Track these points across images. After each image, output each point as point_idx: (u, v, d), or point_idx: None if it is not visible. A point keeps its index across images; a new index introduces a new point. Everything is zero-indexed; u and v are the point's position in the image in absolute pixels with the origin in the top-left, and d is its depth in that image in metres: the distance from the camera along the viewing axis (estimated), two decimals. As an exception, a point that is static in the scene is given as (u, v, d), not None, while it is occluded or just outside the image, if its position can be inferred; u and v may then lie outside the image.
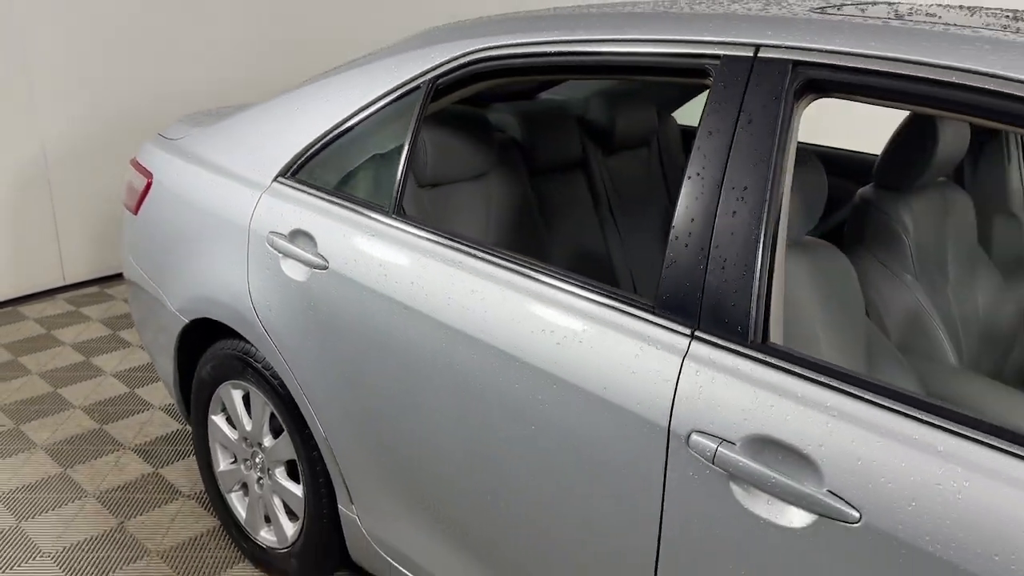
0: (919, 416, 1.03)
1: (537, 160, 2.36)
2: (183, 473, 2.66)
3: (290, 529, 2.10)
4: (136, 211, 2.37)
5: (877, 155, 2.05)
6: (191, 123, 2.41)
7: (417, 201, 1.95)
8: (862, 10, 1.39)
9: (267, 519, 2.18)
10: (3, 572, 2.21)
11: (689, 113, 2.91)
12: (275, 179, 1.94)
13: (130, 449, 2.80)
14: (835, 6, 1.45)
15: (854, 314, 1.70)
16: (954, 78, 1.10)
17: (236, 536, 2.29)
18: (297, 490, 2.02)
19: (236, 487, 2.26)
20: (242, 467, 2.20)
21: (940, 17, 1.33)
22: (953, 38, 1.15)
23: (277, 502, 2.12)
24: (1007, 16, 1.39)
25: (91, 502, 2.51)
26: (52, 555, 2.28)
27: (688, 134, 2.87)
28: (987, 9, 1.52)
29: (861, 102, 1.22)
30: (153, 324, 2.34)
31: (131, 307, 2.52)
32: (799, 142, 1.71)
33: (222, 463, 2.26)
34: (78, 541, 2.34)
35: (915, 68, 1.13)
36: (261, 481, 2.14)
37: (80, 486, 2.58)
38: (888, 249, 1.92)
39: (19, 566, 2.23)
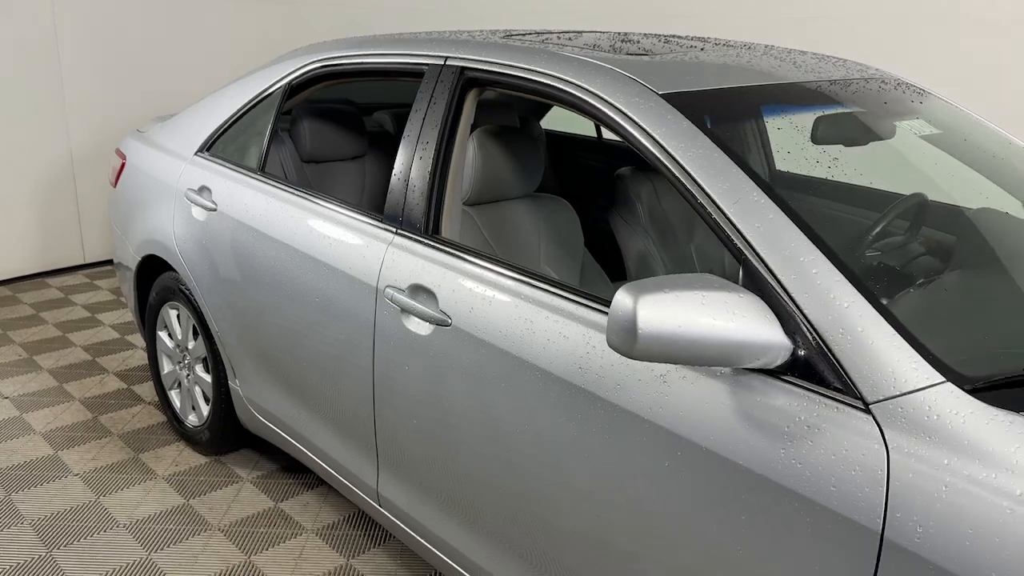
0: (495, 269, 1.77)
1: None
2: (150, 388, 3.47)
3: (204, 411, 2.89)
4: (115, 184, 3.21)
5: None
6: (159, 121, 3.25)
7: (283, 165, 2.75)
8: (521, 37, 2.15)
9: (193, 408, 2.97)
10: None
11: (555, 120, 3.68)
12: (195, 153, 2.76)
13: (113, 373, 3.62)
14: (509, 35, 2.21)
15: (573, 248, 2.44)
16: (537, 77, 1.84)
17: (175, 424, 3.08)
18: (207, 377, 2.81)
19: (174, 385, 3.06)
20: (177, 368, 3.00)
21: (559, 40, 2.08)
22: (544, 52, 1.90)
23: (197, 390, 2.91)
24: (613, 37, 2.14)
25: (76, 405, 3.33)
26: (48, 439, 3.10)
27: (550, 136, 3.62)
28: (593, 32, 2.26)
29: (501, 90, 1.97)
30: (122, 265, 3.17)
31: (113, 256, 3.36)
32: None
33: (165, 367, 3.06)
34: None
35: (516, 69, 1.89)
36: (188, 376, 2.94)
37: (69, 393, 3.41)
38: (628, 210, 2.64)
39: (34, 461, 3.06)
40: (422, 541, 2.04)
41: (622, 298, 1.27)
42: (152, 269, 3.02)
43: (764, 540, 1.31)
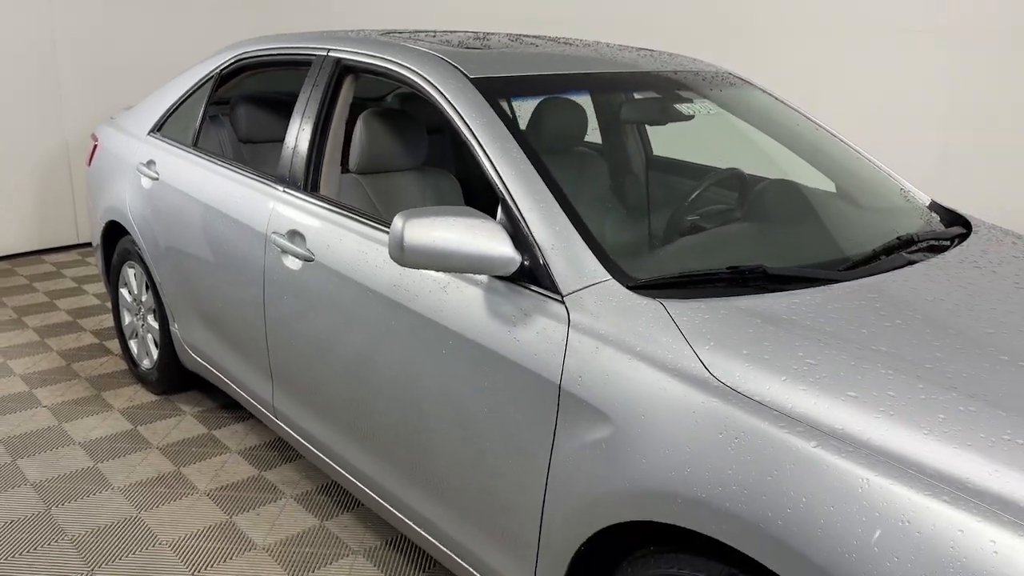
0: (346, 214, 2.23)
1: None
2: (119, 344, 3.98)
3: (155, 354, 3.38)
4: (89, 164, 3.73)
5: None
6: (127, 108, 3.77)
7: (222, 144, 3.24)
8: (400, 34, 2.63)
9: (147, 354, 3.46)
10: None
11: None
12: (147, 133, 3.27)
13: (89, 331, 4.13)
14: (386, 32, 2.69)
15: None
16: (388, 64, 2.31)
17: (132, 368, 3.57)
18: (156, 324, 3.31)
19: (133, 335, 3.56)
20: (135, 319, 3.50)
21: (420, 37, 2.55)
22: (394, 45, 2.38)
23: (149, 338, 3.40)
24: (470, 35, 2.61)
25: (53, 355, 3.84)
26: (26, 380, 3.61)
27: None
28: (462, 32, 2.73)
29: (364, 74, 2.44)
30: (93, 230, 3.68)
31: (90, 224, 3.87)
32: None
33: (126, 319, 3.57)
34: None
35: (374, 58, 2.36)
36: (143, 325, 3.43)
37: (48, 346, 3.93)
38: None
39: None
40: (303, 441, 2.51)
41: (396, 221, 1.74)
42: (115, 234, 3.52)
43: (500, 396, 1.77)
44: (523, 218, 1.81)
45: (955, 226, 2.31)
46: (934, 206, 2.53)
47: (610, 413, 1.55)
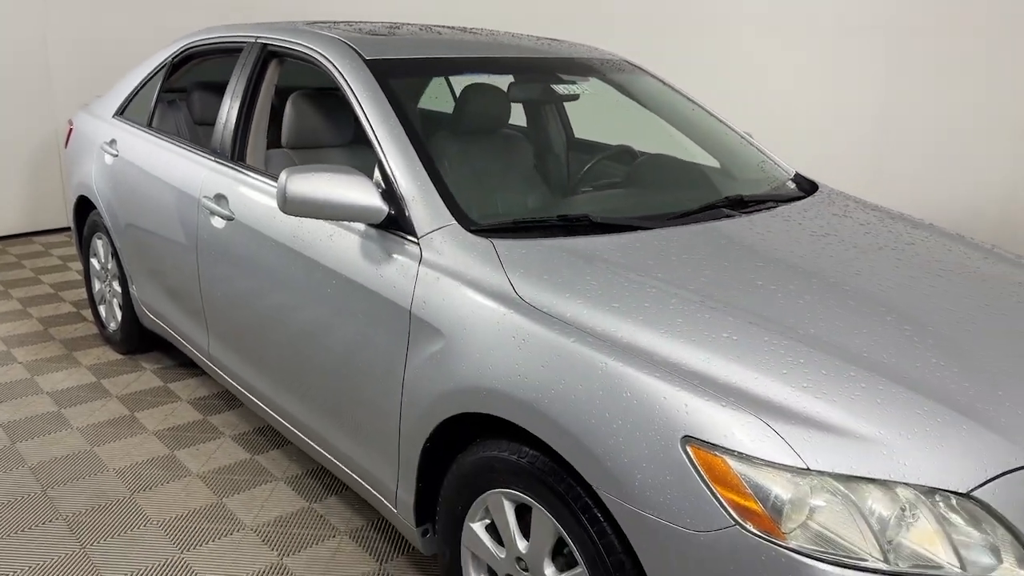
0: (261, 179, 2.58)
1: None
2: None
3: (112, 321, 3.74)
4: (66, 146, 4.09)
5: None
6: (99, 96, 4.13)
7: (178, 126, 3.59)
8: (323, 24, 2.97)
9: (113, 318, 3.82)
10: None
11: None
12: (112, 116, 3.63)
13: (68, 302, 4.50)
14: (310, 23, 3.03)
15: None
16: (300, 48, 2.65)
17: (102, 331, 3.93)
18: (119, 288, 3.66)
19: (102, 301, 3.91)
20: (103, 286, 3.85)
21: (335, 25, 2.90)
22: (306, 32, 2.72)
23: (115, 302, 3.76)
24: (383, 25, 2.95)
25: (33, 321, 4.21)
26: (5, 341, 3.97)
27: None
28: (378, 23, 3.07)
29: (289, 59, 2.78)
30: (68, 206, 4.04)
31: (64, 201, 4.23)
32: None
33: (96, 287, 3.93)
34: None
35: (289, 43, 2.70)
36: (109, 291, 3.79)
37: (29, 313, 4.29)
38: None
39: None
40: (234, 384, 2.86)
41: (282, 175, 2.08)
42: (85, 209, 3.88)
43: (369, 323, 2.10)
44: (393, 175, 2.15)
45: (803, 192, 2.63)
46: (797, 177, 2.85)
47: (443, 329, 1.88)
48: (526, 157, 2.90)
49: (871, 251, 2.13)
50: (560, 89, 2.85)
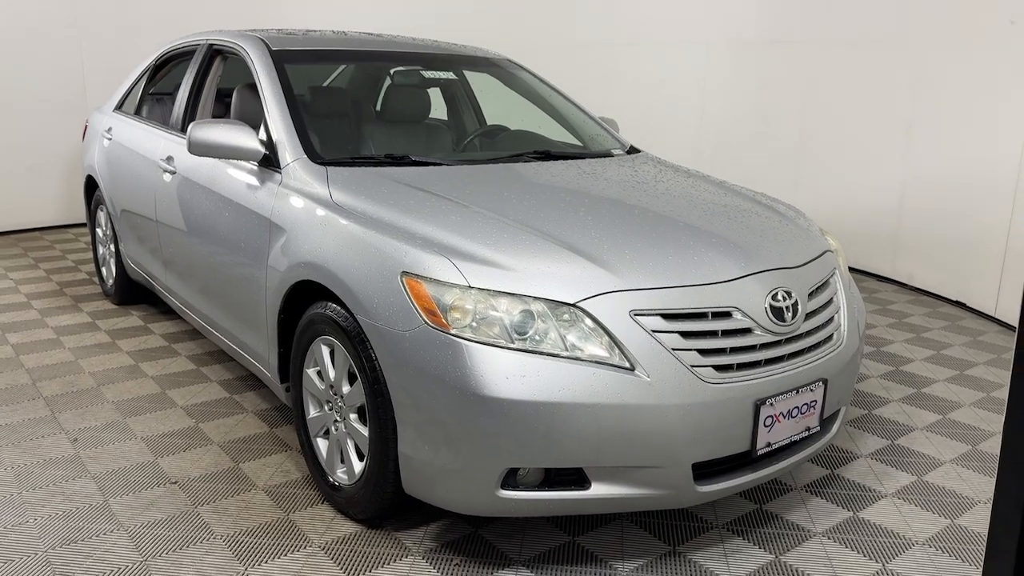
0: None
1: None
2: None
3: (110, 279, 4.60)
4: (83, 139, 5.02)
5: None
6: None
7: (163, 115, 4.46)
8: (277, 31, 3.81)
9: (111, 275, 4.67)
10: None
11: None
12: (112, 110, 4.53)
13: (84, 272, 5.40)
14: (279, 32, 3.86)
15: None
16: (230, 45, 3.48)
17: (102, 286, 4.80)
18: (114, 248, 4.52)
19: (103, 263, 4.78)
20: (104, 250, 4.73)
21: (273, 31, 3.73)
22: (236, 33, 3.55)
23: (111, 261, 4.62)
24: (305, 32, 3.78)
25: (52, 284, 5.11)
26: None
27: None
28: (320, 30, 3.88)
29: (226, 53, 3.61)
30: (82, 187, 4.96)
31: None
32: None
33: (100, 250, 4.81)
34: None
35: (223, 43, 3.53)
36: (108, 252, 4.66)
37: (52, 279, 5.20)
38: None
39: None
40: (180, 306, 3.66)
41: (189, 127, 2.88)
42: (92, 188, 4.78)
43: (248, 232, 2.87)
44: (270, 126, 2.94)
45: (622, 154, 3.34)
46: (632, 149, 3.56)
47: (286, 227, 2.65)
48: (392, 123, 3.66)
49: (624, 184, 2.83)
50: (427, 74, 3.64)
